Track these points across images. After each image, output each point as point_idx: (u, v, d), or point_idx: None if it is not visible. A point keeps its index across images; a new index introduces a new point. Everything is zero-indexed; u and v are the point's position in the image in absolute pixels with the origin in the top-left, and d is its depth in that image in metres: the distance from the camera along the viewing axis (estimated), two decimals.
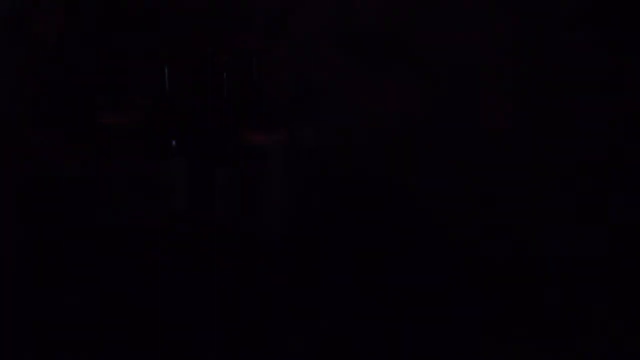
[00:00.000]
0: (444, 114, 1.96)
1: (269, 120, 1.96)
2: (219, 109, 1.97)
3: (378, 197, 1.97)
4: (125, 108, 1.98)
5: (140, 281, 1.86)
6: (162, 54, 1.98)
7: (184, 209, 1.92)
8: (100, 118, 1.96)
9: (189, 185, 1.92)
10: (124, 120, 1.95)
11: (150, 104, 1.98)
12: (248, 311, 1.84)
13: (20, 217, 1.87)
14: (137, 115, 1.96)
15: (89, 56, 1.97)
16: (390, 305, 1.84)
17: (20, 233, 1.85)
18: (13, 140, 1.90)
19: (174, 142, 1.94)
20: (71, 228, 1.88)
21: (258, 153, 1.90)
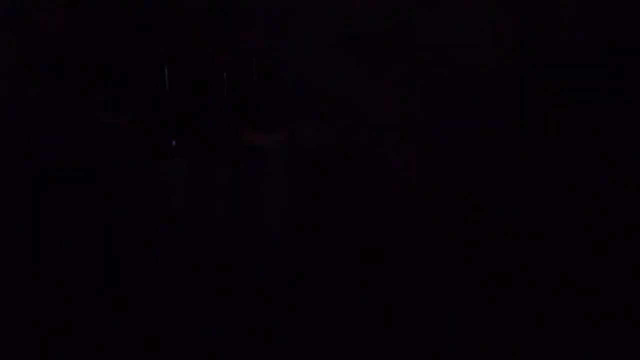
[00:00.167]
0: (444, 113, 1.96)
1: (269, 120, 1.96)
2: (219, 109, 1.97)
3: (378, 197, 1.97)
4: (125, 108, 1.98)
5: (140, 281, 1.86)
6: (162, 54, 1.98)
7: (184, 209, 1.92)
8: (100, 118, 1.96)
9: (189, 185, 1.92)
10: (124, 120, 1.95)
11: (150, 104, 1.98)
12: (248, 311, 1.84)
13: (20, 217, 1.87)
14: (137, 115, 1.96)
15: (89, 56, 1.97)
16: (390, 305, 1.84)
17: (20, 233, 1.85)
18: (13, 140, 1.90)
19: (174, 142, 1.94)
20: (71, 228, 1.88)
21: (258, 153, 1.90)
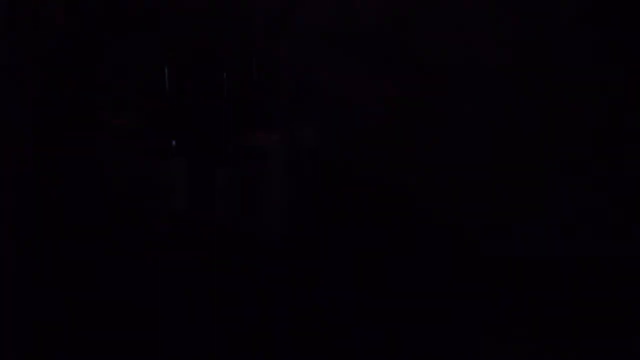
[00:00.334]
0: (444, 113, 1.96)
1: (269, 120, 1.96)
2: (219, 109, 1.97)
3: (377, 197, 1.97)
4: (125, 108, 1.98)
5: (140, 280, 1.86)
6: (162, 54, 1.98)
7: (184, 209, 1.92)
8: (101, 118, 1.96)
9: (189, 185, 1.92)
10: (124, 120, 1.95)
11: (150, 104, 1.97)
12: (248, 311, 1.84)
13: (20, 217, 1.86)
14: (137, 115, 1.96)
15: (89, 56, 1.97)
16: (390, 304, 1.84)
17: (20, 232, 1.85)
18: (13, 139, 1.90)
19: (174, 142, 1.94)
20: (71, 228, 1.88)
21: (258, 153, 1.90)
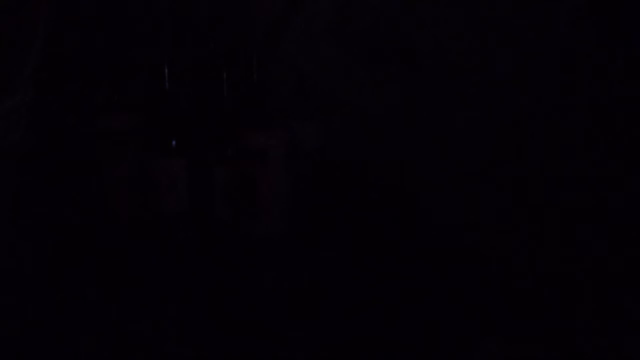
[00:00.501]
0: (444, 113, 1.96)
1: (269, 120, 1.96)
2: (219, 109, 1.98)
3: (378, 197, 1.97)
4: (125, 108, 1.98)
5: (139, 281, 1.86)
6: (162, 53, 1.99)
7: (184, 209, 1.92)
8: (101, 118, 1.96)
9: (189, 185, 1.93)
10: (124, 120, 1.95)
11: (150, 104, 1.98)
12: (248, 311, 1.84)
13: (21, 217, 1.87)
14: (137, 115, 1.97)
15: (88, 56, 1.97)
16: (390, 304, 1.84)
17: (20, 233, 1.85)
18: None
19: (174, 142, 1.94)
20: (70, 228, 1.89)
21: (258, 153, 1.90)
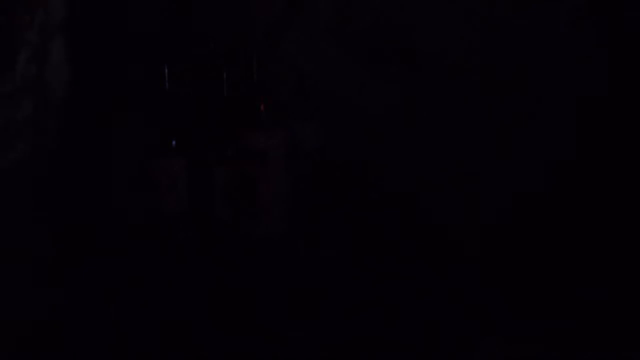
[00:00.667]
0: (444, 113, 1.96)
1: (269, 120, 1.96)
2: (219, 109, 1.97)
3: (378, 197, 1.97)
4: (126, 107, 1.98)
5: (140, 281, 1.86)
6: (163, 53, 1.98)
7: (184, 209, 1.92)
8: (101, 117, 1.96)
9: (189, 185, 1.92)
10: (124, 120, 1.95)
11: (151, 104, 1.98)
12: (248, 311, 1.84)
13: (19, 217, 1.87)
14: (138, 114, 1.97)
15: (89, 55, 1.97)
16: (390, 304, 1.84)
17: (18, 232, 1.85)
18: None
19: (174, 142, 1.94)
20: (70, 228, 1.88)
21: (258, 153, 1.90)
